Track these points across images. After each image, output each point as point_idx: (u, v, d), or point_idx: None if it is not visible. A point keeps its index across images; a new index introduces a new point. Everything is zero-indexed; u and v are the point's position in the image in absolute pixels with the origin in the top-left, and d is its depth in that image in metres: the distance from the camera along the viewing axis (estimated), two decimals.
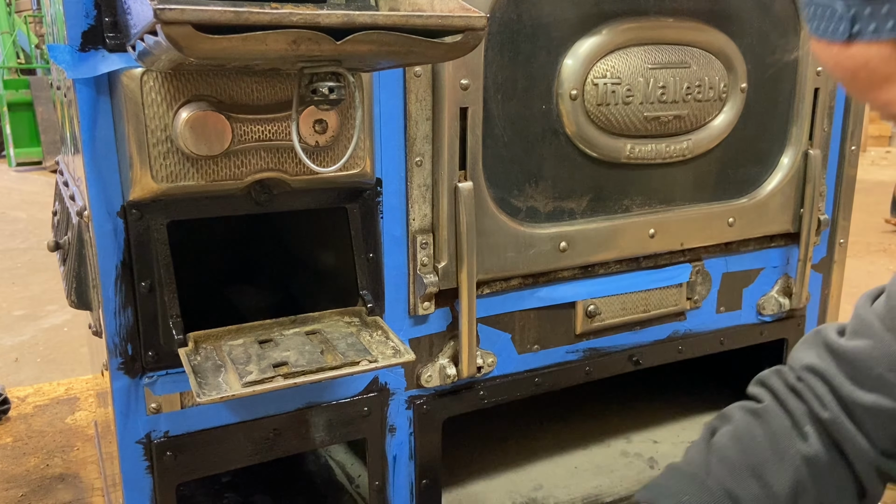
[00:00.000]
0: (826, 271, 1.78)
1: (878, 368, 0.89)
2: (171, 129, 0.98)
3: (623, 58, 1.36)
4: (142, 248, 1.03)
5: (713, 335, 1.65)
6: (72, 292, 1.16)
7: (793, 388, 0.96)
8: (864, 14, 0.49)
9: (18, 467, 2.12)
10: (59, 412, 2.49)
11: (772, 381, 1.00)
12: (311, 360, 1.00)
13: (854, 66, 0.53)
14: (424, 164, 1.23)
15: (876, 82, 0.52)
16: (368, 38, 0.80)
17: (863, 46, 0.51)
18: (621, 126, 1.39)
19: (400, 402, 1.31)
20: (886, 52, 0.50)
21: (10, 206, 7.67)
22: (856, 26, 0.50)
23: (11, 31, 11.88)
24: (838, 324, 0.98)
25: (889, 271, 4.93)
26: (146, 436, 1.10)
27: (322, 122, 1.04)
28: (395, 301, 1.26)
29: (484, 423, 1.88)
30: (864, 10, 0.49)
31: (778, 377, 1.00)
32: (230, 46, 0.74)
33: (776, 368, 1.01)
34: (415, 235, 1.25)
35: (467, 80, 1.21)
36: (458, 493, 1.62)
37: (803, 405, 0.94)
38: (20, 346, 3.75)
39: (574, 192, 1.39)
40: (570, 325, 1.45)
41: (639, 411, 1.97)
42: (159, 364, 1.08)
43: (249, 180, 1.05)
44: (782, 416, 0.96)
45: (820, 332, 0.98)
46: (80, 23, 0.96)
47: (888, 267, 5.03)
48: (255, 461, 1.20)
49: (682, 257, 1.56)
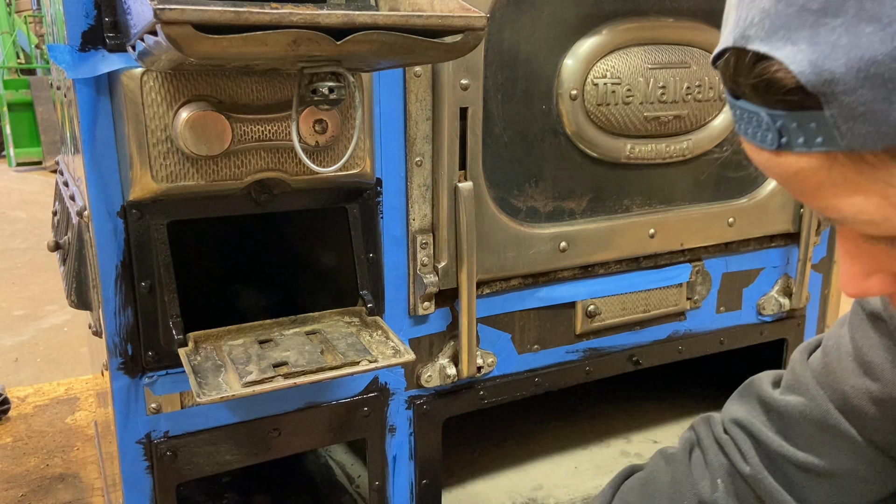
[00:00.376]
0: (826, 271, 1.78)
1: (810, 428, 0.87)
2: (171, 129, 0.98)
3: (623, 58, 1.36)
4: (142, 248, 1.03)
5: (713, 335, 1.65)
6: (72, 292, 1.16)
7: (717, 440, 0.96)
8: (791, 128, 0.48)
9: (18, 467, 2.12)
10: (59, 412, 2.49)
11: (700, 429, 1.00)
12: (311, 360, 1.00)
13: (785, 174, 0.51)
14: (424, 164, 1.23)
15: (807, 190, 0.51)
16: (368, 38, 0.80)
17: (792, 157, 0.49)
18: (621, 126, 1.39)
19: (400, 402, 1.31)
20: (816, 163, 0.48)
21: (10, 206, 7.67)
22: (783, 138, 0.49)
23: (11, 31, 11.88)
24: (774, 373, 0.97)
25: None
26: (146, 436, 1.10)
27: (322, 122, 1.04)
28: (395, 301, 1.26)
29: (484, 423, 1.88)
30: (790, 124, 0.48)
31: (706, 426, 0.99)
32: (230, 46, 0.74)
33: (708, 416, 1.01)
34: (415, 235, 1.25)
35: (467, 80, 1.21)
36: (458, 493, 1.62)
37: (725, 458, 0.94)
38: (20, 346, 3.75)
39: (574, 192, 1.39)
40: (570, 325, 1.45)
41: (639, 411, 1.97)
42: (159, 364, 1.08)
43: (249, 180, 1.05)
44: (687, 465, 0.96)
45: (754, 382, 0.97)
46: (80, 23, 0.96)
47: None
48: (255, 461, 1.20)
49: (682, 257, 1.56)
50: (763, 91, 0.49)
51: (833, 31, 0.44)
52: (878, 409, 0.82)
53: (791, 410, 0.89)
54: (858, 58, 0.43)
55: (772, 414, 0.92)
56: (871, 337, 0.82)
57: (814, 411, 0.87)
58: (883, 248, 0.53)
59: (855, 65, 0.43)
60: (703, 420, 1.00)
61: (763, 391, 0.94)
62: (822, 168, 0.48)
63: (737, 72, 0.51)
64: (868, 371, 0.82)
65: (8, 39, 11.78)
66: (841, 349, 0.86)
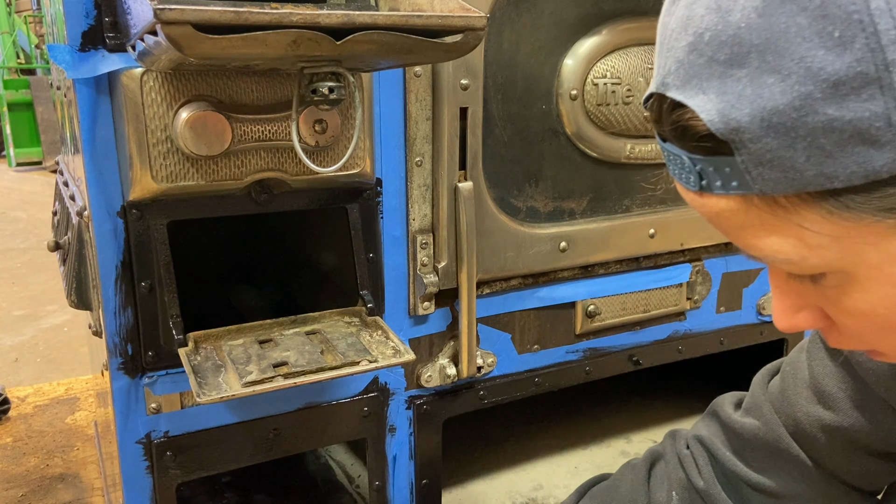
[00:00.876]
0: None
1: (763, 450, 0.90)
2: (171, 129, 0.98)
3: (623, 58, 1.36)
4: (142, 248, 1.03)
5: (713, 335, 1.65)
6: (72, 292, 1.16)
7: (678, 455, 0.99)
8: (709, 171, 0.50)
9: (18, 467, 2.12)
10: (59, 412, 2.49)
11: (665, 443, 1.03)
12: (311, 360, 1.00)
13: (709, 214, 0.54)
14: (424, 164, 1.23)
15: (731, 230, 0.54)
16: (368, 38, 0.80)
17: (713, 198, 0.52)
18: (621, 126, 1.39)
19: (400, 402, 1.31)
20: (734, 205, 0.51)
21: (10, 206, 7.68)
22: (704, 180, 0.51)
23: (11, 31, 11.88)
24: (738, 395, 1.00)
25: None
26: (146, 436, 1.10)
27: (322, 122, 1.04)
28: (395, 301, 1.26)
29: (484, 423, 1.88)
30: (708, 168, 0.50)
31: (671, 441, 1.02)
32: (230, 46, 0.74)
33: (675, 431, 1.04)
34: (415, 235, 1.25)
35: (467, 80, 1.21)
36: (458, 493, 1.62)
37: (682, 473, 0.97)
38: (20, 346, 3.75)
39: (574, 192, 1.39)
40: (570, 325, 1.45)
41: (639, 411, 1.97)
42: (159, 364, 1.08)
43: (249, 180, 1.05)
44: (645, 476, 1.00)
45: (717, 403, 1.00)
46: (80, 23, 0.96)
47: None
48: (255, 461, 1.20)
49: (682, 257, 1.56)
50: (680, 136, 0.51)
51: (738, 81, 0.46)
52: (829, 436, 0.84)
53: (746, 433, 0.91)
54: (762, 108, 0.45)
55: (730, 434, 0.94)
56: (828, 366, 0.84)
57: (767, 435, 0.89)
58: (808, 285, 0.55)
59: (758, 114, 0.45)
60: (670, 435, 1.04)
61: (723, 412, 0.96)
62: (741, 210, 0.51)
63: (659, 116, 0.53)
64: (822, 400, 0.84)
65: (8, 39, 11.78)
66: (797, 376, 0.88)
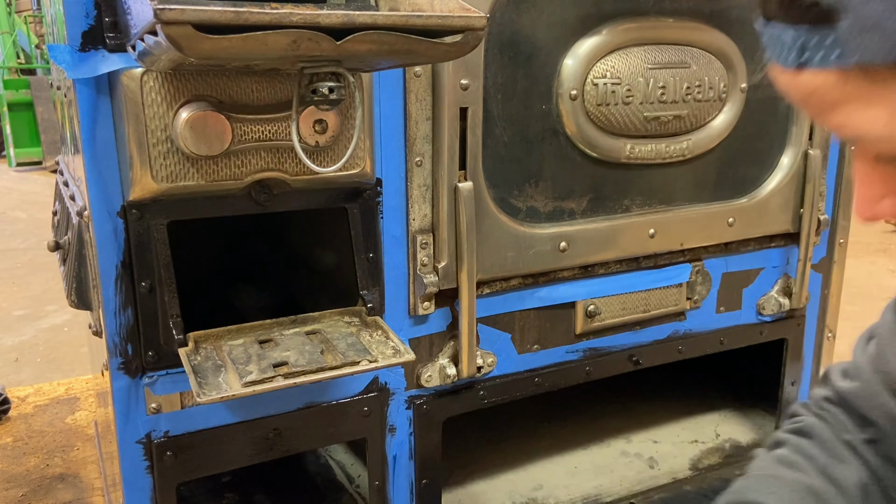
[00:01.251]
0: (826, 271, 1.78)
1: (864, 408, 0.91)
2: (171, 129, 0.98)
3: (623, 58, 1.36)
4: (142, 248, 1.03)
5: (713, 335, 1.65)
6: (72, 292, 1.16)
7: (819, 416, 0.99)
8: (811, 44, 0.52)
9: (18, 467, 2.12)
10: (59, 412, 2.49)
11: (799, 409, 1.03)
12: (311, 360, 1.00)
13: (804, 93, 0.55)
14: (424, 164, 1.23)
15: (825, 108, 0.55)
16: (368, 38, 0.80)
17: (811, 74, 0.53)
18: (621, 126, 1.38)
19: (400, 402, 1.31)
20: (833, 79, 0.52)
21: (10, 206, 7.67)
22: (804, 55, 0.53)
23: (11, 31, 11.88)
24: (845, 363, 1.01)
25: (889, 271, 4.93)
26: (146, 436, 1.10)
27: (322, 122, 1.04)
28: (395, 301, 1.26)
29: (484, 423, 1.88)
30: (811, 41, 0.52)
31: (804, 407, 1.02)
32: (230, 46, 0.74)
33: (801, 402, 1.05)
34: (415, 235, 1.25)
35: (467, 80, 1.21)
36: (458, 493, 1.62)
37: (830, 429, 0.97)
38: (20, 346, 3.75)
39: (574, 193, 1.39)
40: (570, 325, 1.45)
41: (639, 411, 1.97)
42: (159, 364, 1.08)
43: (249, 180, 1.05)
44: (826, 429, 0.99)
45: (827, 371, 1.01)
46: (80, 23, 0.96)
47: (888, 267, 5.03)
48: (255, 461, 1.20)
49: (682, 257, 1.56)
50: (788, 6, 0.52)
51: None
52: None
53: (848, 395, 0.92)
54: None
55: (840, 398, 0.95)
56: None
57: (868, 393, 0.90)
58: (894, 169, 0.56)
59: None
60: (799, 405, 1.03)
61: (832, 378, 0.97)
62: (837, 84, 0.52)
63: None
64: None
65: (8, 39, 11.78)
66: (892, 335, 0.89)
